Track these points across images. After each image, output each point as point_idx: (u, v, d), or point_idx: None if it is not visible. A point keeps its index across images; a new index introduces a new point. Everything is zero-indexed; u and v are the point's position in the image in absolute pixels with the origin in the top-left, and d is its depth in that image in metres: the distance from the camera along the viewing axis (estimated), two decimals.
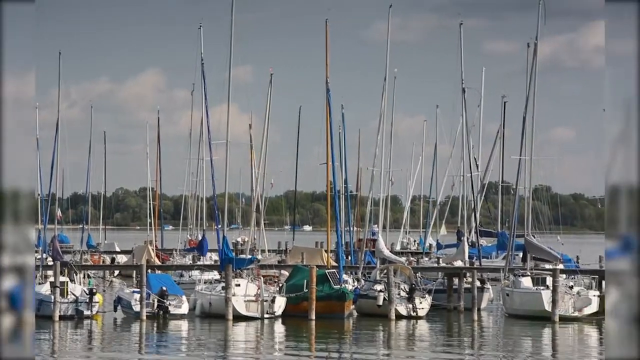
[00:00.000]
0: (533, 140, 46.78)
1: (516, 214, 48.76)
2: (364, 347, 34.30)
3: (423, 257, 64.19)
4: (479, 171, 61.90)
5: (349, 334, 38.23)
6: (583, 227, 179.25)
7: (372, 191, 53.66)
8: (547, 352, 34.66)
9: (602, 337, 38.89)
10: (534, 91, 46.50)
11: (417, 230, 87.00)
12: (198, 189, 66.53)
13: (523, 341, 36.79)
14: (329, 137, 44.90)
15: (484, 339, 38.38)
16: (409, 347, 35.16)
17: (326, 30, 45.29)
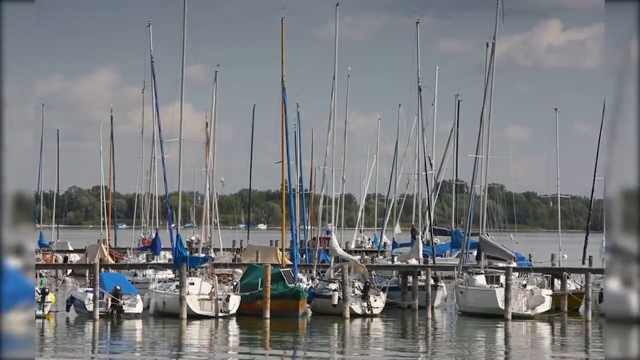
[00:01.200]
0: (489, 138, 47.06)
1: (471, 212, 49.03)
2: (318, 345, 34.29)
3: (377, 255, 64.45)
4: (433, 170, 62.19)
5: (304, 333, 38.20)
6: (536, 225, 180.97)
7: (325, 190, 53.70)
8: (500, 350, 34.87)
9: (554, 334, 39.24)
10: (491, 90, 46.77)
11: (372, 229, 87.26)
12: (152, 187, 66.18)
13: (476, 339, 37.00)
14: (284, 136, 44.85)
15: (438, 336, 38.55)
16: (363, 346, 35.20)
17: (282, 28, 45.27)
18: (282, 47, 44.92)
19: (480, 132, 46.98)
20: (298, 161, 51.95)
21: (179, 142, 47.12)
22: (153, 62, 48.17)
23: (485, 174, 47.76)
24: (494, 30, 46.46)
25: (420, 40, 53.48)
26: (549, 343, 37.10)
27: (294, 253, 45.24)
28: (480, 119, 46.99)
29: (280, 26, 45.28)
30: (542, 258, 59.15)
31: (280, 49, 44.98)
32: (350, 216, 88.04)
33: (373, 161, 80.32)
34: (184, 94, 46.27)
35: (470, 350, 33.66)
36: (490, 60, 46.69)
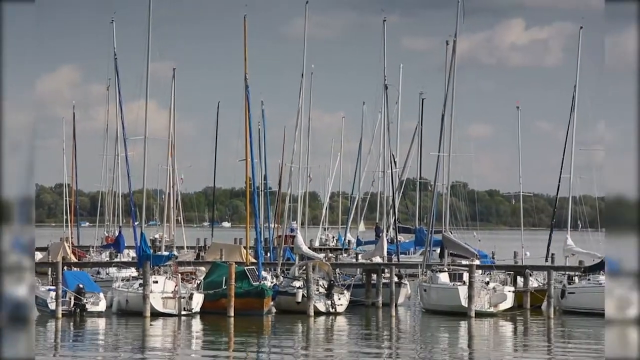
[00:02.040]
0: (451, 136, 47.29)
1: (434, 210, 49.23)
2: (282, 343, 34.28)
3: (342, 253, 64.45)
4: (397, 168, 62.35)
5: (268, 331, 38.17)
6: (499, 223, 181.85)
7: (290, 188, 53.66)
8: (463, 347, 35.04)
9: (516, 331, 39.49)
10: (453, 88, 46.98)
11: (336, 227, 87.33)
12: (115, 185, 65.82)
13: (440, 336, 37.16)
14: (248, 134, 44.74)
15: (402, 334, 38.68)
16: (327, 343, 35.24)
17: (244, 26, 45.11)
18: (244, 44, 44.83)
19: (442, 130, 47.21)
20: (262, 159, 51.92)
21: (144, 139, 46.92)
22: (117, 59, 47.91)
23: (448, 172, 48.00)
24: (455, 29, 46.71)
25: (386, 39, 53.60)
26: (511, 340, 37.35)
27: (258, 251, 45.19)
28: (442, 117, 47.20)
29: (243, 23, 45.15)
30: (505, 256, 59.49)
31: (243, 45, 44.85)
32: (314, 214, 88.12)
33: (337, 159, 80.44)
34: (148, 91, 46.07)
35: (433, 348, 33.79)
36: (451, 58, 46.94)
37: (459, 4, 45.98)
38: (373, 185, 68.47)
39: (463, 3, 45.96)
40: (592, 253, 47.76)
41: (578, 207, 50.63)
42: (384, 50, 52.96)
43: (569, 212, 50.72)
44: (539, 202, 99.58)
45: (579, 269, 47.03)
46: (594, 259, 46.65)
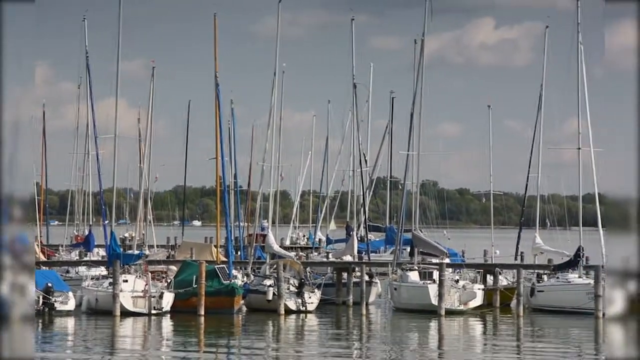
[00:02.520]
0: (420, 135, 47.47)
1: (404, 209, 49.37)
2: (253, 342, 34.27)
3: (312, 252, 64.51)
4: (367, 166, 62.48)
5: (238, 330, 38.15)
6: (468, 221, 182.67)
7: (261, 186, 53.64)
8: (433, 345, 35.19)
9: (486, 329, 39.70)
10: (422, 87, 47.15)
11: (307, 225, 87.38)
12: (85, 183, 65.51)
13: (410, 334, 37.29)
14: (219, 132, 44.69)
15: (372, 332, 38.78)
16: (298, 342, 35.27)
17: (215, 24, 45.05)
18: (215, 42, 44.75)
19: (411, 128, 47.36)
20: (232, 157, 51.85)
21: (114, 138, 46.74)
22: (88, 57, 47.75)
23: (418, 171, 48.17)
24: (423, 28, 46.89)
25: (355, 38, 53.70)
26: (481, 338, 37.53)
27: (229, 250, 45.14)
28: (411, 116, 47.36)
29: (213, 22, 45.09)
30: (475, 254, 59.81)
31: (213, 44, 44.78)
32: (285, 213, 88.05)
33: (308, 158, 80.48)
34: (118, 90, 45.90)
35: (403, 346, 33.89)
36: (420, 57, 47.10)
37: (426, 3, 46.17)
38: (343, 184, 68.66)
39: (431, 2, 46.16)
40: (560, 251, 48.09)
41: (546, 205, 50.97)
42: (352, 49, 53.08)
43: (537, 210, 51.06)
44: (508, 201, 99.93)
45: (548, 267, 47.36)
46: (563, 257, 47.00)
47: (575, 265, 44.94)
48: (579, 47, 45.31)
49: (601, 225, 44.04)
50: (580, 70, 45.33)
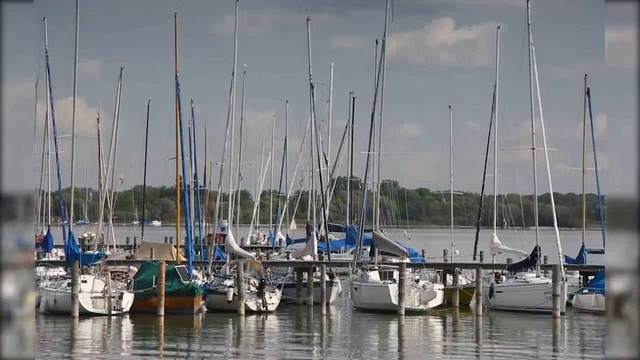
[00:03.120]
0: (381, 135, 47.61)
1: (364, 209, 49.52)
2: (213, 343, 34.22)
3: (273, 252, 64.52)
4: (328, 166, 62.57)
5: (198, 330, 38.06)
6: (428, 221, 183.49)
7: (221, 186, 53.54)
8: (393, 345, 35.33)
9: (446, 329, 39.93)
10: (382, 87, 47.31)
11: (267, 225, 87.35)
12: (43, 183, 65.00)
13: (370, 334, 37.40)
14: (179, 132, 44.55)
15: (333, 332, 38.85)
16: (258, 343, 35.26)
17: (175, 23, 44.92)
18: (175, 42, 44.63)
19: (372, 128, 47.51)
20: (192, 157, 51.72)
21: (72, 137, 46.43)
22: (48, 57, 47.43)
23: (378, 171, 48.34)
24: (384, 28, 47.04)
25: (315, 37, 53.90)
26: (440, 337, 37.74)
27: (189, 250, 45.03)
28: (372, 116, 47.51)
29: (174, 21, 44.95)
30: (435, 254, 60.08)
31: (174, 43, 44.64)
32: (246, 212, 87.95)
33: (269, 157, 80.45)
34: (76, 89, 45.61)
35: (363, 346, 33.99)
36: (380, 57, 47.25)
37: (387, 3, 46.32)
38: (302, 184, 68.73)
39: (392, 2, 46.32)
40: (518, 251, 48.49)
41: (504, 205, 51.36)
42: (309, 49, 53.19)
43: (495, 210, 51.41)
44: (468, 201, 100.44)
45: (505, 266, 47.70)
46: (520, 257, 47.37)
47: (533, 265, 45.32)
48: (530, 48, 45.69)
49: (557, 225, 44.45)
50: (532, 70, 45.71)
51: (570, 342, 36.71)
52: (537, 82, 45.62)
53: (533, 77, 45.64)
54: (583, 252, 51.42)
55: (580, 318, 42.19)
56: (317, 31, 62.31)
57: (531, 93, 45.71)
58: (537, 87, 45.64)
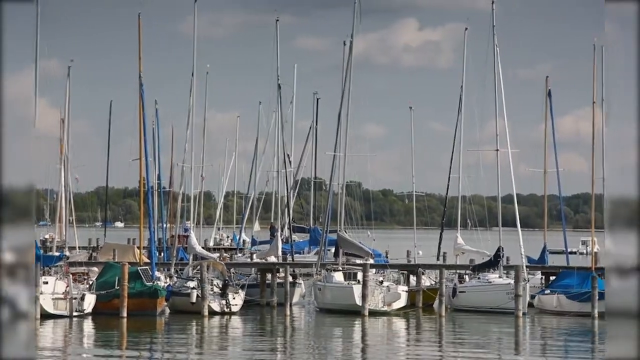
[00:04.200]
0: (346, 136, 47.64)
1: (329, 210, 49.54)
2: (176, 344, 34.06)
3: (236, 253, 64.38)
4: (292, 167, 62.52)
5: (161, 332, 37.88)
6: (392, 222, 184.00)
7: (184, 187, 53.36)
8: (356, 345, 35.35)
9: (409, 329, 40.02)
10: (349, 88, 47.33)
11: (231, 226, 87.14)
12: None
13: (334, 335, 37.40)
14: (142, 133, 44.30)
15: (296, 333, 38.82)
16: (221, 344, 35.15)
17: (139, 23, 44.66)
18: (139, 42, 44.38)
19: (338, 129, 47.53)
20: (156, 158, 51.46)
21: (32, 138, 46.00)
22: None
23: (343, 172, 48.37)
24: (351, 29, 47.07)
25: (279, 38, 53.77)
26: (404, 338, 37.83)
27: (152, 251, 44.81)
28: (339, 117, 47.54)
29: (137, 21, 44.70)
30: (398, 255, 60.25)
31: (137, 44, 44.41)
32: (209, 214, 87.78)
33: (232, 158, 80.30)
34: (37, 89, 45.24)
35: (327, 347, 34.00)
36: (348, 58, 47.28)
37: (355, 4, 46.29)
38: (267, 184, 68.63)
39: (360, 3, 46.30)
40: (481, 251, 48.72)
41: (468, 206, 51.60)
42: (277, 49, 53.16)
43: (459, 211, 51.64)
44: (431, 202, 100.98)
45: (469, 267, 47.92)
46: (484, 257, 47.61)
47: (496, 265, 45.55)
48: (495, 50, 45.92)
49: (519, 225, 44.72)
50: (497, 72, 45.95)
51: (532, 343, 36.92)
52: (502, 83, 45.92)
53: (498, 79, 45.93)
54: (545, 252, 51.78)
55: (541, 318, 42.47)
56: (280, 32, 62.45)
57: (495, 94, 45.97)
58: (501, 89, 45.94)
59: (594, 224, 49.33)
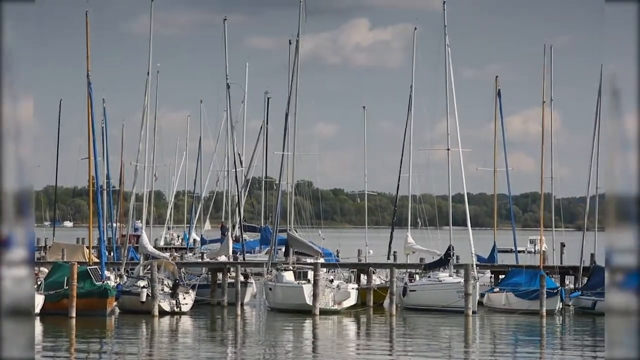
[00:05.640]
0: (296, 136, 47.70)
1: (279, 209, 49.55)
2: (126, 344, 33.86)
3: (187, 252, 64.16)
4: (243, 166, 62.42)
5: (111, 332, 37.63)
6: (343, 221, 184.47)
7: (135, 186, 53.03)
8: (307, 345, 35.40)
9: (359, 328, 40.16)
10: (297, 87, 47.37)
11: (181, 226, 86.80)
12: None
13: (284, 334, 37.42)
14: (91, 132, 43.98)
15: (247, 333, 38.78)
16: (172, 344, 34.99)
17: (87, 22, 44.32)
18: (87, 41, 44.02)
19: (286, 129, 47.56)
20: (105, 157, 51.11)
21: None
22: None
23: (293, 171, 48.40)
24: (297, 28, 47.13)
25: (229, 37, 53.69)
26: (354, 337, 37.94)
27: (102, 251, 44.50)
28: (286, 116, 47.57)
29: (85, 19, 44.34)
30: (349, 254, 60.42)
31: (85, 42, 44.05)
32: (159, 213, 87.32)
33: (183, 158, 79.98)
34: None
35: (278, 346, 34.00)
36: (294, 57, 47.33)
37: (301, 3, 46.38)
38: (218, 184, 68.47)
39: (305, 2, 46.39)
40: (431, 250, 49.02)
41: (418, 205, 51.90)
42: (225, 49, 53.07)
43: (409, 210, 51.91)
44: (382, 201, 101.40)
45: (419, 266, 48.19)
46: (434, 256, 47.91)
47: (446, 264, 45.86)
48: (446, 50, 46.22)
49: (469, 224, 45.08)
50: (448, 72, 46.26)
51: (481, 341, 37.21)
52: (452, 83, 46.21)
53: (448, 79, 46.22)
54: (494, 251, 52.25)
55: (491, 316, 42.84)
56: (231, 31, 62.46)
57: (446, 94, 46.26)
58: (452, 89, 46.22)
59: (543, 222, 49.88)
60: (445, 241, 46.30)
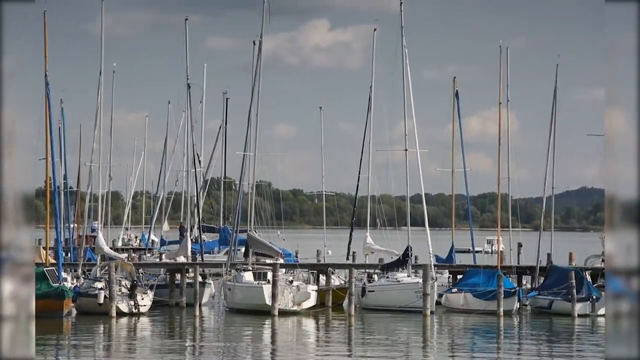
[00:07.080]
0: (257, 136, 47.62)
1: (239, 210, 49.47)
2: (83, 346, 33.62)
3: (145, 253, 63.82)
4: (201, 167, 62.25)
5: (68, 334, 37.35)
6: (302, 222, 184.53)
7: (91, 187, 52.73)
8: (266, 346, 35.37)
9: (319, 329, 40.19)
10: (259, 87, 47.31)
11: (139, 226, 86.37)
12: None
13: (243, 335, 37.35)
14: (49, 132, 43.63)
15: (205, 333, 38.66)
16: (129, 345, 34.81)
17: (44, 21, 43.95)
18: (45, 41, 43.67)
19: (248, 129, 47.49)
20: (63, 158, 50.75)
21: None
22: None
23: (253, 171, 48.34)
24: (260, 29, 47.06)
25: (189, 37, 53.51)
26: (314, 338, 37.97)
27: (58, 252, 44.16)
28: (248, 117, 47.51)
29: (43, 19, 43.98)
30: (308, 254, 60.46)
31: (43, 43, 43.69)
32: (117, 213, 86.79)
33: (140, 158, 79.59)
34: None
35: (236, 347, 33.94)
36: (257, 58, 47.26)
37: (264, 3, 46.33)
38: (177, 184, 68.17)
39: (269, 4, 46.35)
40: (390, 250, 49.18)
41: (377, 206, 52.05)
42: (187, 49, 52.93)
43: (368, 211, 52.06)
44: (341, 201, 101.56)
45: (378, 266, 48.32)
46: (393, 257, 48.07)
47: (404, 265, 46.03)
48: (403, 50, 46.40)
49: (427, 225, 45.29)
50: (405, 72, 46.42)
51: (439, 341, 37.39)
52: (410, 84, 46.38)
53: (406, 79, 46.38)
54: (452, 251, 52.53)
55: (449, 316, 43.06)
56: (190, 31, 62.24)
57: (404, 95, 46.44)
58: (410, 89, 46.39)
59: (500, 223, 50.23)
60: (404, 241, 46.47)
